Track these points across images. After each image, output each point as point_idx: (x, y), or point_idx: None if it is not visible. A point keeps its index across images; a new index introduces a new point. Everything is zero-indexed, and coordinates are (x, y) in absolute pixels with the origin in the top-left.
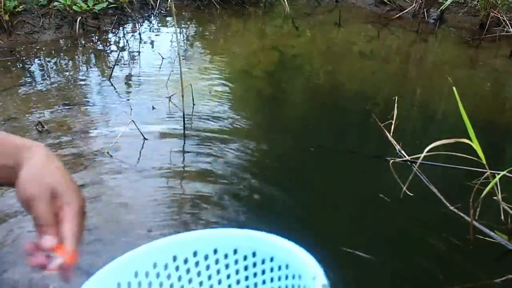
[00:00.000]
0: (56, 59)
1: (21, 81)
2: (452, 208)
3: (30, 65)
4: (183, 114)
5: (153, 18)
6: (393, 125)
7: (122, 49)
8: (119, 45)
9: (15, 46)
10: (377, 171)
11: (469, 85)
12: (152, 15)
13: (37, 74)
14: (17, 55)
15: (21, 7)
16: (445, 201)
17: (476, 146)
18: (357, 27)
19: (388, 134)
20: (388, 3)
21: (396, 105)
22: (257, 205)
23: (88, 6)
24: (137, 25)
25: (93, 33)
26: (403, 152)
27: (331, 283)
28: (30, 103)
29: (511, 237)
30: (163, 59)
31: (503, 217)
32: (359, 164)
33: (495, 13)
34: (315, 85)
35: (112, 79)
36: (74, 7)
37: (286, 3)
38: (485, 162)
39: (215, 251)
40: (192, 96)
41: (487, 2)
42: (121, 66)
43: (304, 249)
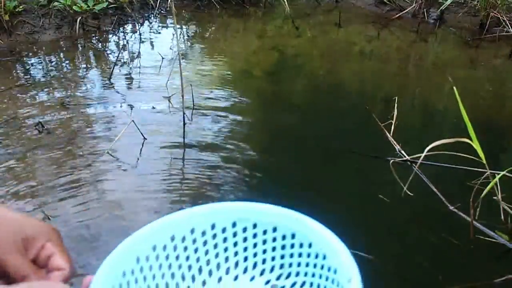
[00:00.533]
0: (56, 59)
1: (21, 81)
2: (452, 208)
3: (30, 65)
4: (183, 114)
5: (153, 18)
6: (393, 125)
7: (122, 49)
8: (119, 45)
9: (15, 46)
10: (377, 171)
11: (469, 85)
12: (152, 15)
13: (37, 74)
14: (17, 55)
15: (21, 7)
16: (445, 201)
17: (476, 146)
18: (357, 27)
19: (388, 134)
20: (388, 3)
21: (396, 105)
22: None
23: (88, 6)
24: (137, 25)
25: (93, 33)
26: (403, 152)
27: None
28: (30, 103)
29: (511, 237)
30: (163, 59)
31: (503, 217)
32: (359, 164)
33: (495, 13)
34: (315, 85)
35: (112, 79)
36: (74, 7)
37: (286, 3)
38: (485, 162)
39: (234, 224)
40: (192, 96)
41: (487, 2)
42: (121, 66)
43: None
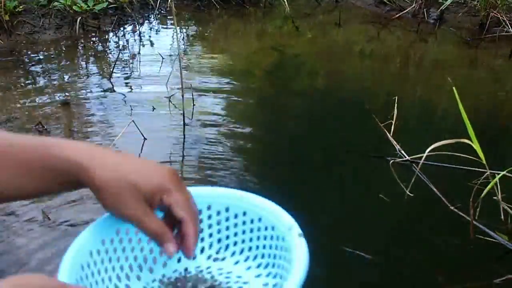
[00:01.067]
0: (56, 59)
1: (21, 81)
2: (452, 208)
3: (30, 65)
4: (183, 114)
5: (153, 18)
6: (393, 125)
7: (122, 49)
8: (119, 45)
9: (15, 46)
10: (377, 171)
11: (469, 85)
12: (152, 15)
13: (37, 74)
14: (17, 55)
15: (21, 7)
16: (445, 201)
17: (476, 146)
18: (357, 27)
19: (388, 134)
20: (388, 3)
21: (396, 105)
22: None
23: (88, 6)
24: (137, 25)
25: (93, 33)
26: (403, 152)
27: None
28: (30, 103)
29: (511, 237)
30: (163, 59)
31: (503, 217)
32: (359, 164)
33: (495, 13)
34: (315, 85)
35: (112, 79)
36: (74, 7)
37: (286, 3)
38: (485, 162)
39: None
40: (192, 96)
41: (487, 2)
42: (121, 66)
43: (275, 203)
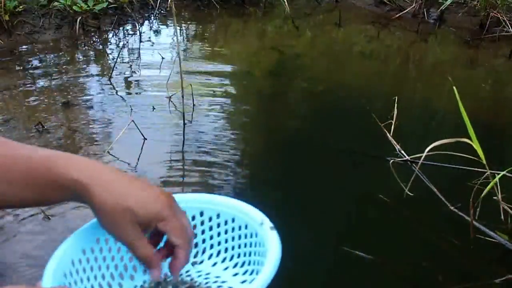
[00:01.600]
0: (56, 59)
1: (21, 81)
2: (452, 208)
3: (30, 65)
4: (183, 114)
5: (153, 18)
6: (393, 125)
7: (122, 49)
8: (119, 45)
9: (15, 46)
10: (377, 171)
11: (469, 85)
12: (152, 15)
13: (37, 74)
14: (17, 55)
15: (21, 7)
16: (445, 201)
17: (476, 146)
18: (357, 27)
19: (388, 134)
20: (388, 3)
21: (396, 105)
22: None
23: (88, 6)
24: (137, 25)
25: (93, 33)
26: (403, 152)
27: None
28: (30, 103)
29: (511, 237)
30: (163, 59)
31: (503, 217)
32: (359, 164)
33: (495, 13)
34: (315, 85)
35: (112, 79)
36: (74, 7)
37: (286, 3)
38: (485, 162)
39: None
40: (192, 96)
41: (487, 2)
42: (121, 66)
43: (246, 202)
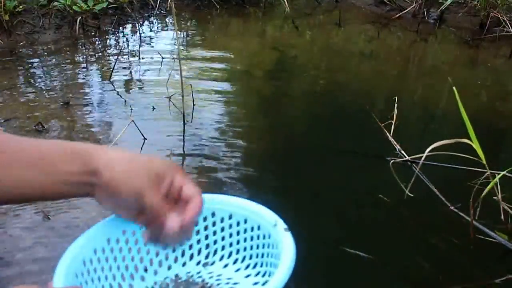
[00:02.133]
0: (56, 59)
1: (21, 81)
2: (452, 208)
3: (30, 65)
4: (183, 114)
5: (153, 18)
6: (393, 125)
7: (122, 49)
8: (119, 45)
9: (15, 46)
10: (377, 171)
11: (469, 85)
12: (152, 15)
13: (37, 74)
14: (17, 55)
15: (21, 7)
16: (445, 201)
17: (476, 146)
18: (357, 27)
19: (388, 134)
20: (388, 3)
21: (396, 105)
22: None
23: (88, 6)
24: (137, 25)
25: (93, 33)
26: (403, 152)
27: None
28: (30, 103)
29: (511, 237)
30: (163, 59)
31: (503, 217)
32: (359, 164)
33: (495, 13)
34: (315, 85)
35: (112, 79)
36: (74, 7)
37: (286, 3)
38: (485, 162)
39: None
40: (192, 96)
41: (487, 2)
42: (121, 66)
43: (259, 204)
